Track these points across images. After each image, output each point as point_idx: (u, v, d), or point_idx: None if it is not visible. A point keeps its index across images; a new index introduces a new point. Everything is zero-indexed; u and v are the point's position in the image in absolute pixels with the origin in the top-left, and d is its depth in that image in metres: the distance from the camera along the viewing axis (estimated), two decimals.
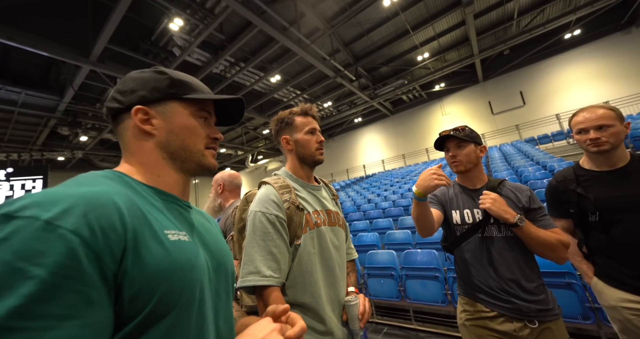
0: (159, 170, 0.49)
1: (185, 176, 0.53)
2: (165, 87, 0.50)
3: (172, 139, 0.50)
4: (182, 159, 0.51)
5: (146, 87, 0.49)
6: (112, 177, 0.43)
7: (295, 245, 0.88)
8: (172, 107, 0.51)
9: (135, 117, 0.48)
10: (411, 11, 8.03)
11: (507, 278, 1.07)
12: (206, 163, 0.53)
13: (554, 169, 4.67)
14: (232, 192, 1.71)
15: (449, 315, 2.63)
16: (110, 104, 0.50)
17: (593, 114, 1.12)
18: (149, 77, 0.50)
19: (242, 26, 7.35)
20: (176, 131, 0.50)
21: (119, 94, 0.49)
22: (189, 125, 0.51)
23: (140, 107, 0.48)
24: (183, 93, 0.51)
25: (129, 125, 0.49)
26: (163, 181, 0.49)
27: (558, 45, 10.39)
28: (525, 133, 10.84)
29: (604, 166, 1.15)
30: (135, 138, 0.49)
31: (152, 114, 0.49)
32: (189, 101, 0.52)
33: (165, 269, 0.37)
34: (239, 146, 15.36)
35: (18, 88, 7.06)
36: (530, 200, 1.15)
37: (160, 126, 0.49)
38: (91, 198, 0.34)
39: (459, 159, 1.20)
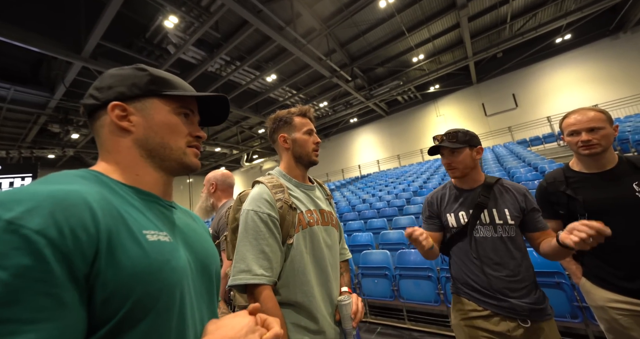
0: (137, 169, 0.47)
1: (166, 175, 0.51)
2: (144, 83, 0.49)
3: (151, 136, 0.48)
4: (161, 157, 0.49)
5: (125, 83, 0.48)
6: (87, 177, 0.41)
7: (288, 244, 0.88)
8: (152, 104, 0.49)
9: (111, 113, 0.46)
10: (407, 13, 8.10)
11: (501, 277, 1.08)
12: (187, 161, 0.51)
13: (544, 171, 4.76)
14: (224, 192, 1.69)
15: (441, 315, 2.65)
16: (87, 101, 0.48)
17: (584, 116, 1.14)
18: (129, 74, 0.49)
19: (238, 25, 7.30)
20: (155, 128, 0.48)
21: (96, 90, 0.48)
22: (169, 122, 0.50)
23: (118, 103, 0.47)
24: (163, 90, 0.50)
25: (105, 122, 0.47)
26: (142, 180, 0.47)
27: (549, 49, 10.60)
28: (518, 135, 11.02)
29: (593, 168, 1.17)
30: (112, 135, 0.47)
31: (130, 111, 0.47)
32: (170, 97, 0.51)
33: (143, 270, 0.36)
34: (234, 145, 15.25)
35: (7, 84, 6.88)
36: (526, 201, 1.16)
37: (138, 122, 0.48)
38: (59, 197, 0.32)
39: (454, 167, 1.21)
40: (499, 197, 1.19)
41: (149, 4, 6.01)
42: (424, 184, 7.00)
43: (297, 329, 0.83)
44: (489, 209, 1.16)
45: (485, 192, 1.19)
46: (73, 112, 9.00)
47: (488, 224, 1.14)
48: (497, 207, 1.16)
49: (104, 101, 0.47)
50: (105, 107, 0.47)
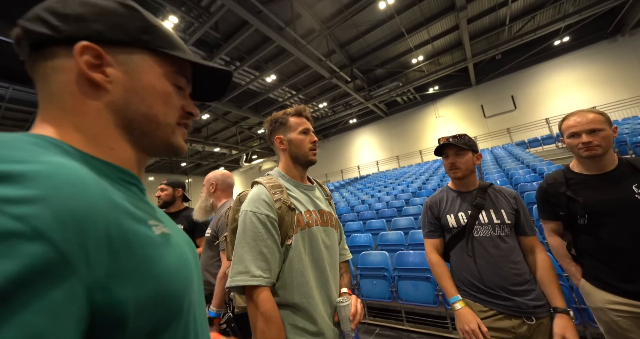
0: (110, 141, 0.34)
1: (142, 155, 0.39)
2: (135, 29, 0.35)
3: (134, 102, 0.35)
4: (142, 132, 0.37)
5: (105, 20, 0.34)
6: (44, 146, 0.27)
7: (287, 245, 0.87)
8: (141, 60, 0.36)
9: (79, 58, 0.32)
10: (406, 14, 8.13)
11: (505, 275, 1.11)
12: (175, 142, 0.40)
13: (543, 172, 4.77)
14: (224, 192, 1.69)
15: (440, 316, 2.65)
16: (34, 27, 0.31)
17: (584, 118, 1.14)
18: (112, 9, 0.34)
19: (238, 25, 7.31)
20: (141, 92, 0.36)
21: (54, 16, 0.32)
22: (161, 89, 0.38)
23: (91, 45, 0.32)
24: (160, 45, 0.37)
25: (65, 66, 0.32)
26: (117, 157, 0.35)
27: (548, 51, 10.67)
28: (516, 136, 11.07)
29: (594, 169, 1.18)
30: (74, 88, 0.32)
31: (108, 61, 0.34)
32: (166, 58, 0.38)
33: (162, 272, 0.29)
34: (233, 145, 15.24)
35: (5, 83, 6.86)
36: (517, 202, 1.24)
37: (117, 79, 0.34)
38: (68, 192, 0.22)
39: (458, 167, 1.25)
40: (494, 199, 1.25)
41: (149, 4, 6.00)
42: (423, 185, 7.01)
43: (296, 331, 0.82)
44: (486, 210, 1.21)
45: (481, 194, 1.25)
46: None
47: (487, 224, 1.18)
48: (494, 208, 1.21)
49: (67, 35, 0.32)
50: (68, 44, 0.32)
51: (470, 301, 1.17)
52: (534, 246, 1.19)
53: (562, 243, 1.26)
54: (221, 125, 13.66)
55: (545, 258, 1.15)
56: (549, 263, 1.14)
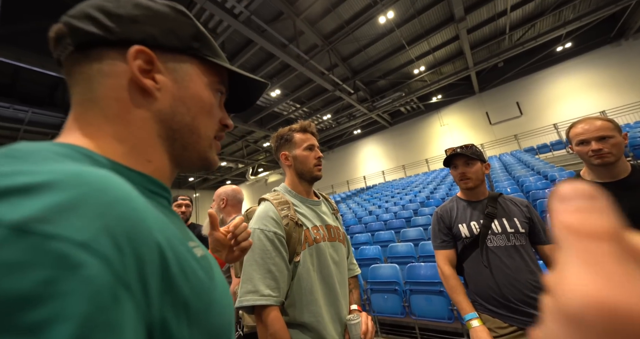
0: (150, 152, 0.31)
1: (176, 167, 0.36)
2: (187, 35, 0.34)
3: (181, 112, 0.33)
4: (183, 144, 0.34)
5: (159, 24, 0.32)
6: (75, 158, 0.24)
7: (295, 262, 0.87)
8: (189, 68, 0.34)
9: (132, 62, 0.29)
10: (406, 27, 8.33)
11: (523, 287, 1.06)
12: (210, 157, 0.38)
13: (555, 179, 4.66)
14: (234, 207, 1.71)
15: (456, 332, 2.53)
16: (83, 25, 0.29)
17: (592, 125, 1.13)
18: (166, 12, 0.33)
19: (243, 44, 7.60)
20: (188, 102, 0.34)
21: (106, 16, 0.29)
22: (206, 99, 0.35)
23: (144, 49, 0.30)
24: (207, 53, 0.35)
25: (115, 70, 0.30)
26: (153, 169, 0.32)
27: (551, 58, 10.68)
28: (524, 143, 10.91)
29: (606, 177, 1.15)
30: (122, 94, 0.30)
31: (158, 68, 0.31)
32: (210, 65, 0.36)
33: (211, 301, 0.26)
34: (240, 159, 15.44)
35: (25, 106, 7.22)
36: (530, 211, 1.21)
37: (166, 86, 0.32)
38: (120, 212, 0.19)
39: (469, 177, 1.24)
40: (506, 208, 1.22)
41: None
42: (431, 194, 6.91)
43: None
44: (499, 219, 1.19)
45: (492, 203, 1.23)
46: None
47: (500, 233, 1.15)
48: (506, 217, 1.19)
49: (121, 37, 0.29)
50: (119, 46, 0.30)
51: (488, 317, 1.11)
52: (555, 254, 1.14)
53: None
54: (228, 139, 13.93)
55: None
56: None
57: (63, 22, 0.29)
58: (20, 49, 5.19)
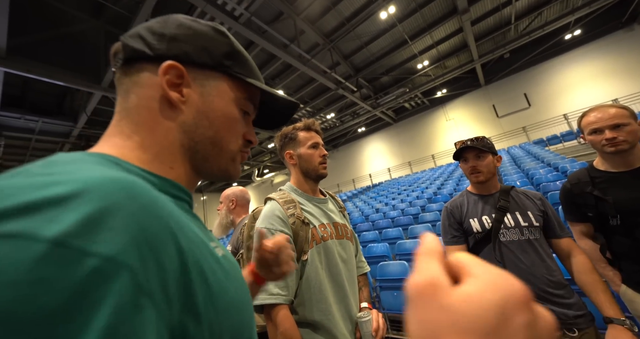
0: (172, 160, 0.34)
1: (198, 176, 0.38)
2: (220, 54, 0.36)
3: (202, 125, 0.35)
4: (204, 156, 0.36)
5: (195, 42, 0.35)
6: (105, 165, 0.26)
7: (303, 261, 0.87)
8: (217, 84, 0.36)
9: (162, 76, 0.33)
10: (408, 22, 8.22)
11: (539, 282, 1.04)
12: (231, 171, 0.39)
13: (566, 171, 4.54)
14: (243, 208, 1.72)
15: None
16: (133, 43, 0.33)
17: (605, 113, 1.09)
18: (204, 32, 0.36)
19: (245, 46, 7.63)
20: (211, 116, 0.36)
21: (152, 34, 0.34)
22: (230, 114, 0.37)
23: (176, 65, 0.33)
24: (238, 71, 0.38)
25: (150, 82, 0.33)
26: (176, 176, 0.34)
27: (559, 46, 10.39)
28: (533, 135, 10.67)
29: (621, 166, 1.11)
30: (152, 104, 0.33)
31: (187, 82, 0.34)
32: (241, 83, 0.39)
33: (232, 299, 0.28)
34: (245, 160, 15.55)
35: (35, 116, 7.42)
36: (544, 204, 1.17)
37: (192, 100, 0.35)
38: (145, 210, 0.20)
39: (480, 170, 1.21)
40: (519, 201, 1.19)
41: None
42: (439, 190, 6.82)
43: None
44: (511, 213, 1.15)
45: (505, 196, 1.19)
46: (94, 139, 9.52)
47: (513, 227, 1.12)
48: (519, 211, 1.15)
49: (159, 53, 0.33)
50: (156, 61, 0.33)
51: None
52: (571, 249, 1.09)
53: (594, 246, 1.17)
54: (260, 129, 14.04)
55: (584, 260, 1.05)
56: (589, 266, 1.03)
57: (120, 40, 0.34)
58: (29, 60, 5.33)
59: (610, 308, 0.93)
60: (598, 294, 0.97)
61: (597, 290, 0.97)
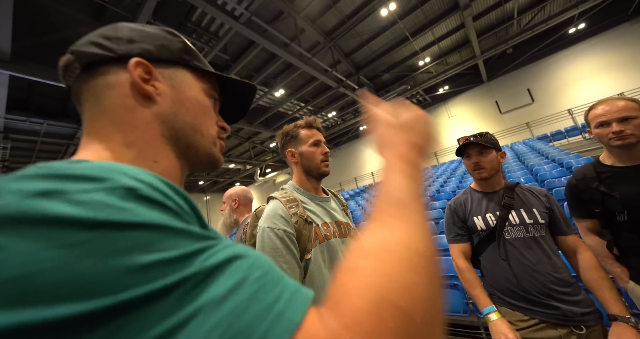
0: (155, 153, 0.35)
1: (185, 167, 0.39)
2: (178, 49, 0.39)
3: (181, 113, 0.37)
4: (187, 142, 0.38)
5: (152, 42, 0.37)
6: None
7: (306, 260, 0.86)
8: (183, 75, 0.39)
9: (134, 72, 0.34)
10: (409, 18, 8.16)
11: (545, 280, 1.02)
12: (215, 155, 0.41)
13: (571, 167, 4.49)
14: (246, 207, 1.72)
15: (472, 326, 2.49)
16: (88, 49, 0.34)
17: (614, 106, 1.07)
18: (157, 33, 0.38)
19: (245, 46, 7.63)
20: (187, 103, 0.38)
21: (106, 39, 0.35)
22: (203, 102, 0.40)
23: (142, 61, 0.35)
24: (197, 64, 0.41)
25: (118, 81, 0.34)
26: (161, 170, 0.35)
27: (563, 40, 10.25)
28: (537, 130, 10.55)
29: (628, 161, 1.09)
30: (126, 101, 0.34)
31: (156, 76, 0.36)
32: (203, 75, 0.41)
33: None
34: (247, 160, 15.59)
35: (40, 119, 7.49)
36: (549, 200, 1.16)
37: (165, 92, 0.36)
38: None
39: (483, 166, 1.19)
40: (524, 198, 1.17)
41: None
42: (441, 187, 6.79)
43: None
44: (516, 210, 1.14)
45: (509, 193, 1.18)
46: None
47: (518, 224, 1.11)
48: (524, 208, 1.14)
49: (121, 53, 0.34)
50: (120, 62, 0.34)
51: (507, 310, 1.08)
52: (576, 246, 1.08)
53: (601, 242, 1.16)
54: (234, 142, 14.08)
55: (590, 257, 1.04)
56: (595, 263, 1.03)
57: (70, 51, 0.35)
58: (32, 64, 5.37)
59: (615, 305, 0.92)
60: (603, 292, 0.96)
61: (602, 287, 0.97)
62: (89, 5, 5.37)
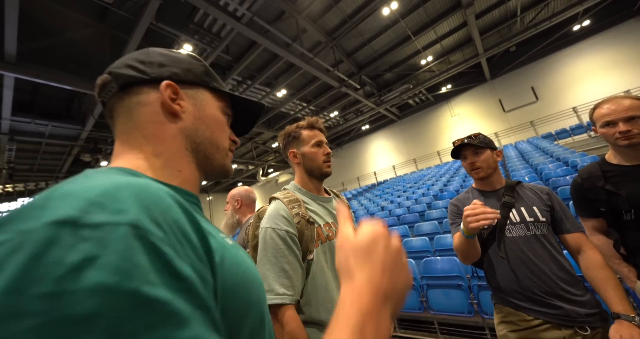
0: (180, 163, 0.40)
1: (202, 176, 0.45)
2: (200, 72, 0.45)
3: (201, 129, 0.43)
4: (205, 155, 0.43)
5: (179, 65, 0.43)
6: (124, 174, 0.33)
7: (308, 260, 0.86)
8: (204, 95, 0.45)
9: (164, 92, 0.40)
10: (411, 17, 8.13)
11: (547, 279, 1.01)
12: (227, 165, 0.47)
13: (576, 165, 4.44)
14: (249, 207, 1.73)
15: (476, 326, 2.47)
16: (125, 71, 0.40)
17: (620, 105, 1.05)
18: (182, 58, 0.45)
19: (247, 46, 7.65)
20: (206, 120, 0.44)
21: (140, 63, 0.41)
22: (219, 119, 0.46)
23: (172, 83, 0.41)
24: (216, 85, 0.47)
25: (149, 100, 0.40)
26: (184, 178, 0.40)
27: (567, 38, 10.14)
28: (542, 129, 10.46)
29: (634, 159, 1.07)
30: (156, 118, 0.40)
31: (181, 96, 0.42)
32: (220, 94, 0.48)
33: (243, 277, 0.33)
34: (250, 160, 15.63)
35: (45, 121, 7.57)
36: (551, 199, 1.15)
37: (188, 110, 0.42)
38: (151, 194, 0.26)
39: (479, 166, 1.20)
40: (524, 196, 1.17)
41: (166, 35, 6.47)
42: (445, 187, 6.75)
43: None
44: (517, 208, 1.14)
45: (510, 192, 1.18)
46: (102, 142, 9.68)
47: (519, 222, 1.11)
48: (524, 206, 1.14)
49: (154, 76, 0.40)
50: (152, 84, 0.40)
51: (510, 310, 1.07)
52: (581, 245, 1.06)
53: (607, 242, 1.14)
54: None
55: (594, 256, 1.02)
56: (600, 261, 1.00)
57: (107, 72, 0.41)
58: (37, 66, 5.43)
59: (619, 303, 0.91)
60: (607, 291, 0.94)
61: (606, 286, 0.95)
62: (93, 7, 5.42)
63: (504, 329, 1.09)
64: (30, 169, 10.77)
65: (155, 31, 5.75)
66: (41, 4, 4.95)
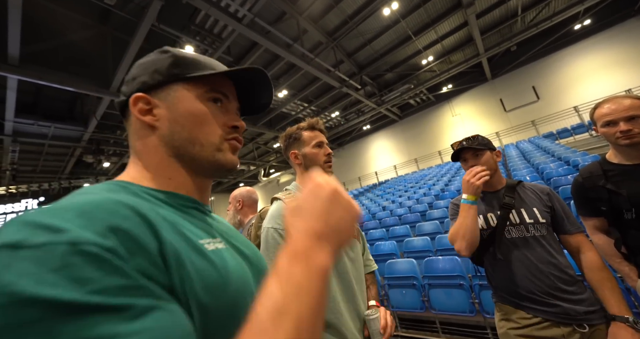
0: (168, 171, 0.40)
1: (200, 177, 0.43)
2: (167, 67, 0.41)
3: (176, 131, 0.40)
4: (190, 156, 0.41)
5: (147, 70, 0.41)
6: (114, 189, 0.34)
7: None
8: (176, 91, 0.41)
9: (133, 108, 0.39)
10: (412, 17, 8.13)
11: (546, 279, 1.02)
12: (221, 160, 0.42)
13: (578, 164, 4.43)
14: (250, 208, 1.74)
15: (478, 326, 2.47)
16: (119, 98, 0.42)
17: (620, 105, 1.06)
18: (152, 59, 0.42)
19: (249, 47, 7.68)
20: (181, 120, 0.40)
21: (124, 85, 0.42)
22: (196, 111, 0.41)
23: (139, 95, 0.39)
24: (187, 72, 0.41)
25: (131, 120, 0.41)
26: (177, 184, 0.40)
27: (568, 37, 10.11)
28: (543, 128, 10.42)
29: (636, 158, 1.08)
30: (138, 133, 0.41)
31: (154, 103, 0.40)
32: (195, 81, 0.42)
33: (214, 284, 0.32)
34: (251, 161, 15.66)
35: (48, 122, 7.62)
36: (551, 199, 1.15)
37: (162, 115, 0.40)
38: (106, 206, 0.27)
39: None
40: (525, 197, 1.17)
41: (167, 37, 6.50)
42: (446, 187, 6.75)
43: None
44: (517, 210, 1.14)
45: (510, 192, 1.18)
46: (104, 143, 9.73)
47: (519, 224, 1.11)
48: (524, 207, 1.14)
49: (128, 94, 0.40)
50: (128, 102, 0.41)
51: (510, 308, 1.09)
52: (580, 246, 1.07)
53: (608, 241, 1.15)
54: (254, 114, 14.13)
55: (592, 257, 1.04)
56: (598, 262, 1.02)
57: (115, 102, 0.45)
58: (40, 67, 5.47)
59: (615, 305, 0.93)
60: (604, 292, 0.97)
61: (603, 287, 0.97)
62: (95, 9, 5.45)
63: (504, 327, 1.10)
64: (33, 170, 10.83)
65: (156, 33, 5.77)
66: (44, 6, 4.99)
